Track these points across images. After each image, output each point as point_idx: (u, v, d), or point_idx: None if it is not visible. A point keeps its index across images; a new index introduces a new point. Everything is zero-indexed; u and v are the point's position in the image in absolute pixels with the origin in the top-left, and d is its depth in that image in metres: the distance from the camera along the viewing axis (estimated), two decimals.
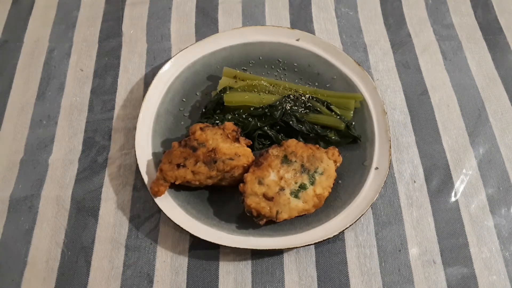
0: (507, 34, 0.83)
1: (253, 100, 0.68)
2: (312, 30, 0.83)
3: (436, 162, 0.69)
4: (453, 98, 0.76)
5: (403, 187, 0.67)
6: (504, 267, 0.61)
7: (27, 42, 0.82)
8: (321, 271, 0.61)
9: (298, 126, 0.66)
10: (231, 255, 0.61)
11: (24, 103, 0.75)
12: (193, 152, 0.60)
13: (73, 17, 0.85)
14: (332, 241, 0.63)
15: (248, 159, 0.61)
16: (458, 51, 0.81)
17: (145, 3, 0.87)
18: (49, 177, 0.68)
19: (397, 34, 0.83)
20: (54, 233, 0.63)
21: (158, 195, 0.61)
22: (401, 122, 0.73)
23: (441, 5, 0.87)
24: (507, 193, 0.67)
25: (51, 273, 0.60)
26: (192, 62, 0.74)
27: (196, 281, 0.60)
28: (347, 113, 0.68)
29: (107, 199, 0.66)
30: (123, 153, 0.69)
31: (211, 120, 0.68)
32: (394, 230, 0.64)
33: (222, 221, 0.62)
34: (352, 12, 0.86)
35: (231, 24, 0.84)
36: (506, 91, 0.77)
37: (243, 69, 0.75)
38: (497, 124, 0.73)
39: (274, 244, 0.59)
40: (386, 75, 0.78)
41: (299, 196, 0.58)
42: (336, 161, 0.62)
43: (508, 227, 0.64)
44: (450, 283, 0.60)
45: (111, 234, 0.63)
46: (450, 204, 0.66)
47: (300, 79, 0.75)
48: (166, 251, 0.62)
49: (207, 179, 0.61)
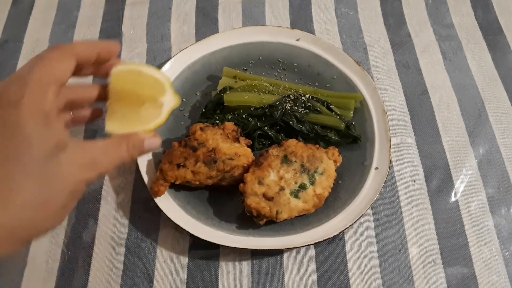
0: (507, 34, 0.83)
1: (253, 100, 0.68)
2: (312, 30, 0.83)
3: (436, 162, 0.69)
4: (453, 98, 0.76)
5: (403, 187, 0.67)
6: (504, 267, 0.61)
7: (27, 42, 0.83)
8: (321, 271, 0.61)
9: (298, 126, 0.66)
10: (231, 255, 0.62)
11: None
12: (193, 152, 0.60)
13: (73, 17, 0.85)
14: (332, 241, 0.63)
15: (248, 159, 0.61)
16: (458, 51, 0.81)
17: (145, 3, 0.87)
18: None
19: (397, 34, 0.83)
20: (54, 233, 0.63)
21: (158, 195, 0.61)
22: (401, 122, 0.73)
23: (441, 5, 0.87)
24: (507, 193, 0.67)
25: (51, 273, 0.61)
26: (192, 62, 0.74)
27: (196, 281, 0.60)
28: (347, 113, 0.68)
29: (107, 199, 0.66)
30: None
31: (211, 120, 0.68)
32: (394, 230, 0.64)
33: (222, 221, 0.62)
34: (352, 12, 0.86)
35: (231, 24, 0.84)
36: (506, 91, 0.77)
37: (243, 69, 0.75)
38: (497, 124, 0.73)
39: (274, 244, 0.59)
40: (386, 75, 0.78)
41: (299, 196, 0.58)
42: (336, 161, 0.62)
43: (508, 227, 0.64)
44: (450, 283, 0.60)
45: (111, 234, 0.63)
46: (450, 204, 0.66)
47: (300, 79, 0.75)
48: (166, 251, 0.62)
49: (207, 179, 0.61)
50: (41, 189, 0.39)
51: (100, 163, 0.45)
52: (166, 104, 0.56)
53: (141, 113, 0.56)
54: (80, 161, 0.43)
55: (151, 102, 0.56)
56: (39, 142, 0.39)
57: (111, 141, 0.49)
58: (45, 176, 0.40)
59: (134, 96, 0.56)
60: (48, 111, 0.41)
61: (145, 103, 0.56)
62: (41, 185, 0.39)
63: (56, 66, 0.44)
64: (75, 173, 0.42)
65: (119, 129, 0.54)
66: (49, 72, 0.43)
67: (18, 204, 0.38)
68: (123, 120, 0.55)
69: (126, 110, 0.56)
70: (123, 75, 0.56)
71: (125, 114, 0.56)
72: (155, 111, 0.56)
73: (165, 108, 0.56)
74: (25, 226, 0.39)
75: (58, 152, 0.41)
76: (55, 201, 0.40)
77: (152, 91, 0.56)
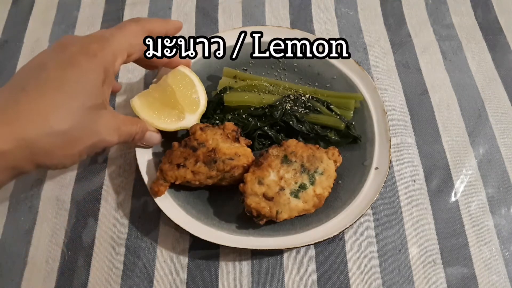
0: (507, 34, 0.83)
1: (253, 100, 0.68)
2: (312, 30, 0.83)
3: (436, 162, 0.69)
4: (453, 98, 0.76)
5: (403, 187, 0.67)
6: (504, 267, 0.61)
7: (27, 42, 0.83)
8: (321, 271, 0.61)
9: (298, 126, 0.66)
10: (231, 255, 0.62)
11: None
12: (193, 152, 0.60)
13: (73, 17, 0.85)
14: (332, 241, 0.63)
15: (248, 159, 0.61)
16: (458, 51, 0.81)
17: (145, 3, 0.87)
18: (49, 177, 0.68)
19: (397, 34, 0.83)
20: (54, 233, 0.63)
21: (158, 195, 0.61)
22: (401, 122, 0.73)
23: (441, 5, 0.87)
24: (507, 193, 0.67)
25: (51, 273, 0.61)
26: (192, 62, 0.74)
27: (196, 281, 0.60)
28: (347, 113, 0.68)
29: (107, 199, 0.66)
30: (123, 153, 0.69)
31: (211, 120, 0.68)
32: (394, 230, 0.64)
33: (222, 221, 0.62)
34: (352, 12, 0.86)
35: (231, 24, 0.84)
36: (506, 91, 0.77)
37: (243, 69, 0.75)
38: (497, 124, 0.73)
39: (274, 244, 0.59)
40: (386, 75, 0.78)
41: (299, 196, 0.58)
42: (336, 161, 0.62)
43: (508, 227, 0.64)
44: (450, 283, 0.60)
45: (111, 234, 0.63)
46: (450, 204, 0.66)
47: (300, 79, 0.75)
48: (166, 251, 0.62)
49: (207, 179, 0.61)
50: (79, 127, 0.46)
51: (121, 132, 0.53)
52: (185, 121, 0.63)
53: (165, 111, 0.63)
54: (110, 125, 0.51)
55: (178, 110, 0.63)
56: (95, 92, 0.48)
57: (130, 118, 0.57)
58: (86, 120, 0.47)
59: (172, 96, 0.63)
60: (110, 74, 0.51)
61: (174, 108, 0.63)
62: (80, 124, 0.46)
63: (131, 40, 0.54)
64: (103, 131, 0.50)
65: (139, 109, 0.62)
66: (124, 42, 0.53)
67: (56, 121, 0.44)
68: (149, 105, 0.63)
69: (158, 100, 0.63)
70: (182, 76, 0.65)
71: (154, 103, 0.63)
72: (174, 118, 0.63)
73: (182, 123, 0.63)
74: (44, 148, 0.44)
75: (101, 109, 0.49)
76: (79, 144, 0.47)
77: (186, 104, 0.64)
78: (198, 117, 0.65)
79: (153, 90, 0.64)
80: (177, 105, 0.63)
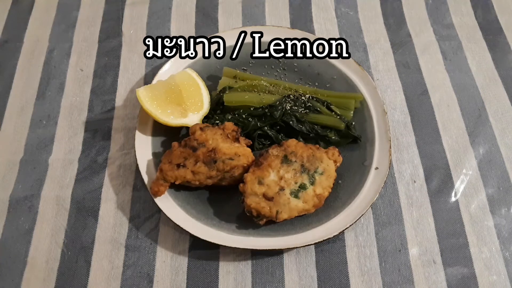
0: (507, 34, 0.83)
1: (253, 100, 0.68)
2: (312, 30, 0.83)
3: (436, 162, 0.69)
4: (453, 98, 0.76)
5: (403, 187, 0.67)
6: (504, 267, 0.61)
7: (27, 42, 0.83)
8: (321, 271, 0.61)
9: (298, 126, 0.66)
10: (231, 255, 0.62)
11: (24, 103, 0.75)
12: (193, 152, 0.60)
13: (73, 17, 0.85)
14: (332, 241, 0.63)
15: (248, 159, 0.61)
16: (458, 51, 0.81)
17: (145, 3, 0.87)
18: (49, 177, 0.68)
19: (397, 34, 0.83)
20: (54, 233, 0.63)
21: (158, 195, 0.61)
22: (401, 122, 0.73)
23: (441, 5, 0.87)
24: (507, 193, 0.67)
25: (51, 273, 0.60)
26: (192, 62, 0.74)
27: (196, 281, 0.60)
28: (347, 113, 0.68)
29: (107, 199, 0.66)
30: (123, 153, 0.69)
31: (211, 120, 0.68)
32: (394, 230, 0.64)
33: (222, 221, 0.62)
34: (352, 12, 0.86)
35: (231, 24, 0.84)
36: (506, 91, 0.77)
37: (243, 69, 0.75)
38: (497, 124, 0.73)
39: (274, 244, 0.59)
40: (386, 75, 0.78)
41: (299, 196, 0.58)
42: (336, 161, 0.62)
43: (508, 227, 0.64)
44: (450, 283, 0.60)
45: (111, 234, 0.63)
46: (450, 204, 0.66)
47: (300, 79, 0.75)
48: (166, 251, 0.62)
49: (207, 179, 0.61)
50: None
51: None
52: (187, 119, 0.66)
53: (168, 106, 0.66)
54: None
55: (182, 108, 0.66)
56: None
57: None
58: None
59: (178, 94, 0.66)
60: None
61: (179, 106, 0.66)
62: None
63: None
64: None
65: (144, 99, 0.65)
66: None
67: None
68: (154, 97, 0.65)
69: (163, 95, 0.66)
70: (189, 78, 0.69)
71: (159, 96, 0.66)
72: (177, 114, 0.66)
73: (184, 120, 0.66)
74: None
75: None
76: None
77: (191, 104, 0.67)
78: (200, 118, 0.66)
79: (160, 85, 0.67)
80: (182, 103, 0.65)
